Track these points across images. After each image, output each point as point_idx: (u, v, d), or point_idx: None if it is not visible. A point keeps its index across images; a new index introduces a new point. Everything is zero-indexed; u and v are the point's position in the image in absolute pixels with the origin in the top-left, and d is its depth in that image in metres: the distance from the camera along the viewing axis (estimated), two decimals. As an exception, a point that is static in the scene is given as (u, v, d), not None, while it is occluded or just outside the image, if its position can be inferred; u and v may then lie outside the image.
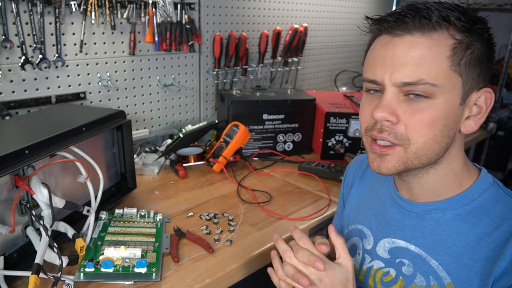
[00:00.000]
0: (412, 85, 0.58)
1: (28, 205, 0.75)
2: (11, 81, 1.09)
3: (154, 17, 1.29)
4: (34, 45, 1.09)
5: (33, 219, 0.75)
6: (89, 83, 1.23)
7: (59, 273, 0.68)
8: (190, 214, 0.99)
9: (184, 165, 1.27)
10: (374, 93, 0.64)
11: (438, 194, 0.67)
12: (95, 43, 1.21)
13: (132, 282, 0.74)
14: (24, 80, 1.11)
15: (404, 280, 0.69)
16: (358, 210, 0.82)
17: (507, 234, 0.60)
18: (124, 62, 1.29)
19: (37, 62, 1.11)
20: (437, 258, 0.65)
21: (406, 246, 0.70)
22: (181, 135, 1.24)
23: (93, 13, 1.16)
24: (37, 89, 1.14)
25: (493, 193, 0.65)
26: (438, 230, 0.66)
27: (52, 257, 0.74)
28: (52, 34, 1.12)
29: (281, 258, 0.68)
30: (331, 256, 0.67)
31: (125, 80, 1.31)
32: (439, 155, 0.62)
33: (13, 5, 1.02)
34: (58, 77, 1.17)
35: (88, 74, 1.23)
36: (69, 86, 1.20)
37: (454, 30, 0.58)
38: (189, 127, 1.29)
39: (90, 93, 1.24)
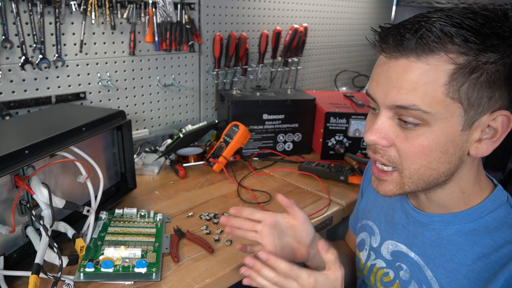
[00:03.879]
0: (405, 109, 0.56)
1: (28, 205, 0.75)
2: (11, 81, 1.09)
3: (154, 17, 1.29)
4: (34, 45, 1.09)
5: (33, 219, 0.75)
6: (89, 83, 1.23)
7: (59, 273, 0.68)
8: (190, 214, 0.99)
9: (184, 165, 1.27)
10: (374, 112, 0.63)
11: (445, 209, 0.66)
12: (95, 43, 1.21)
13: (132, 282, 0.74)
14: (24, 80, 1.11)
15: (400, 284, 0.70)
16: (372, 206, 0.83)
17: (505, 258, 0.57)
18: (124, 62, 1.29)
19: (37, 62, 1.11)
20: (432, 269, 0.65)
21: (407, 252, 0.70)
22: (181, 135, 1.24)
23: (93, 13, 1.16)
24: (37, 89, 1.14)
25: (503, 214, 0.61)
26: (438, 243, 0.65)
27: (52, 257, 0.74)
28: (52, 34, 1.12)
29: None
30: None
31: (125, 80, 1.31)
32: (439, 179, 0.60)
33: (13, 5, 1.02)
34: (58, 77, 1.17)
35: (88, 74, 1.23)
36: (69, 86, 1.20)
37: (457, 52, 0.52)
38: (189, 127, 1.29)
39: (90, 93, 1.24)
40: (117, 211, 0.95)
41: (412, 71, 0.54)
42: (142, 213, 0.94)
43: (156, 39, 1.32)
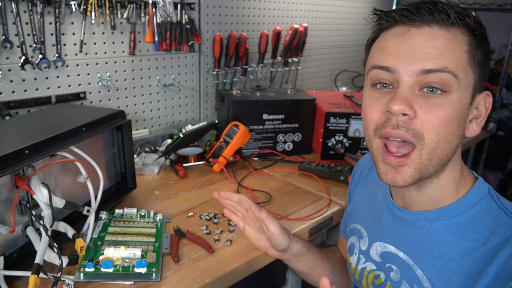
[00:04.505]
0: (436, 72, 0.55)
1: (28, 205, 0.75)
2: (11, 81, 1.09)
3: (154, 17, 1.29)
4: (34, 45, 1.09)
5: (33, 219, 0.75)
6: (89, 83, 1.23)
7: (59, 273, 0.68)
8: (190, 214, 0.99)
9: (184, 165, 1.27)
10: (382, 88, 0.60)
11: (433, 204, 0.65)
12: (95, 43, 1.21)
13: (132, 282, 0.74)
14: (24, 80, 1.11)
15: (392, 286, 0.69)
16: (359, 209, 0.82)
17: (493, 251, 0.57)
18: (124, 62, 1.29)
19: (37, 62, 1.11)
20: (422, 268, 0.64)
21: (396, 252, 0.69)
22: (181, 135, 1.24)
23: (93, 13, 1.16)
24: (37, 89, 1.14)
25: (486, 206, 0.62)
26: (426, 240, 0.65)
27: (52, 257, 0.74)
28: (52, 34, 1.12)
29: None
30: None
31: (125, 80, 1.31)
32: (448, 156, 0.60)
33: (13, 5, 1.02)
34: (58, 77, 1.17)
35: (88, 74, 1.23)
36: (69, 86, 1.20)
37: (467, 29, 0.58)
38: (189, 127, 1.29)
39: (90, 93, 1.24)
40: (117, 211, 0.95)
41: (437, 38, 0.57)
42: (142, 213, 0.94)
43: (156, 39, 1.32)
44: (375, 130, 0.61)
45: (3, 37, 1.03)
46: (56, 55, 1.14)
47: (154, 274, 0.75)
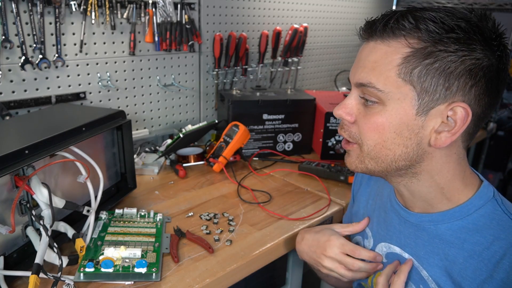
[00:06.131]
0: (364, 86, 0.61)
1: (28, 205, 0.75)
2: (11, 81, 1.09)
3: (154, 17, 1.29)
4: (34, 45, 1.09)
5: (33, 219, 0.75)
6: (89, 83, 1.23)
7: (59, 273, 0.68)
8: (190, 214, 0.99)
9: (184, 165, 1.27)
10: None
11: (430, 205, 0.66)
12: (95, 43, 1.21)
13: (132, 282, 0.74)
14: (24, 80, 1.11)
15: None
16: (364, 209, 0.83)
17: (498, 256, 0.58)
18: (124, 62, 1.29)
19: (37, 62, 1.11)
20: (427, 269, 0.65)
21: (401, 253, 0.70)
22: (181, 135, 1.24)
23: (93, 13, 1.16)
24: (37, 89, 1.14)
25: (490, 210, 0.62)
26: (431, 242, 0.65)
27: (52, 257, 0.74)
28: (52, 34, 1.12)
29: None
30: None
31: (125, 80, 1.31)
32: (398, 163, 0.61)
33: (13, 5, 1.02)
34: (58, 77, 1.17)
35: (88, 74, 1.23)
36: (69, 86, 1.20)
37: (417, 38, 0.56)
38: (189, 127, 1.29)
39: (90, 93, 1.24)
40: (117, 211, 0.95)
41: (375, 51, 0.60)
42: (142, 213, 0.94)
43: (156, 39, 1.32)
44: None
45: (3, 37, 1.03)
46: (56, 55, 1.14)
47: (154, 274, 0.75)
